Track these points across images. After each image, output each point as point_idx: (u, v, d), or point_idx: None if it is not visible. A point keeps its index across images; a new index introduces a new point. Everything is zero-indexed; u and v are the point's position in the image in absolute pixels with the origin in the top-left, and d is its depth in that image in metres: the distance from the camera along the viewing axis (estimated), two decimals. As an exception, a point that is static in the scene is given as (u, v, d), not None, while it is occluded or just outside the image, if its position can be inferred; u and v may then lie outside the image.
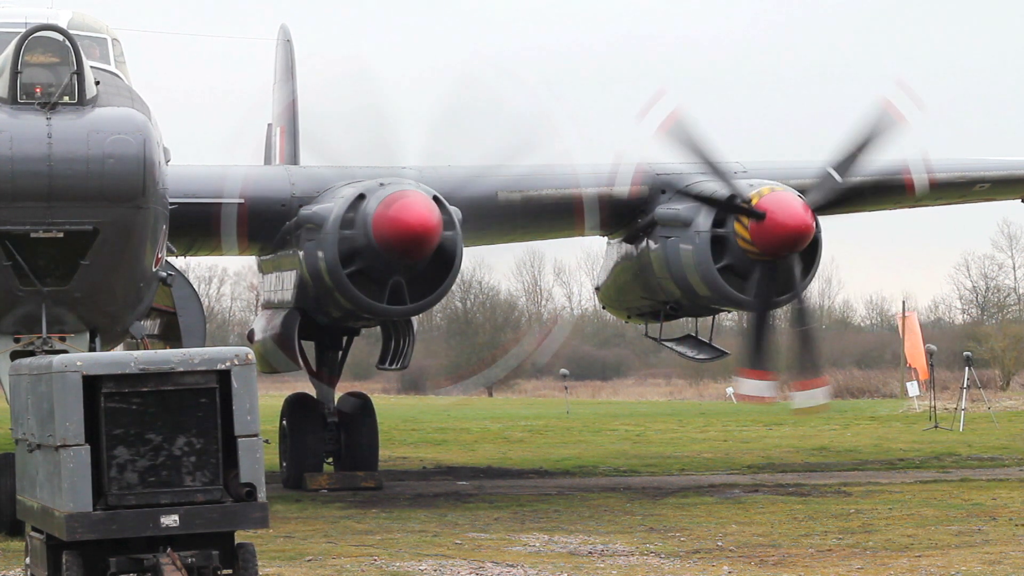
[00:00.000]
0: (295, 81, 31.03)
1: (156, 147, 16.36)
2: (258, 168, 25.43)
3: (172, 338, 21.37)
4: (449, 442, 34.35)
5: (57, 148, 15.83)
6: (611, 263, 25.19)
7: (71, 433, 10.75)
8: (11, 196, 15.89)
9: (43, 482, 11.28)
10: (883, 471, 26.36)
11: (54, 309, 16.75)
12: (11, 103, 15.96)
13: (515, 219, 23.83)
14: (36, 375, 11.47)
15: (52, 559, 11.28)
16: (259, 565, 11.32)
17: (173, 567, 10.73)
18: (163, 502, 10.86)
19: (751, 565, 15.13)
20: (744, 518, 19.26)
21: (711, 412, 48.09)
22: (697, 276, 22.47)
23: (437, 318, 63.48)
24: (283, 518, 19.15)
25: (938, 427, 36.85)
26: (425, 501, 21.74)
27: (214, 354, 11.16)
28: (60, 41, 16.00)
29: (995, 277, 76.81)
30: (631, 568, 14.97)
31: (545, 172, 23.44)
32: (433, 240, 20.60)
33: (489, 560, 15.47)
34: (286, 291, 23.09)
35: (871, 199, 25.27)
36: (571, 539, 17.21)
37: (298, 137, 30.10)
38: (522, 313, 72.73)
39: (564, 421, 42.40)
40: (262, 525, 11.12)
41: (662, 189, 23.54)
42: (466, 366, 48.87)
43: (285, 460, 24.35)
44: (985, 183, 25.77)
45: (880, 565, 14.98)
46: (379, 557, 15.74)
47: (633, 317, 26.08)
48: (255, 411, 11.14)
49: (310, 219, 21.50)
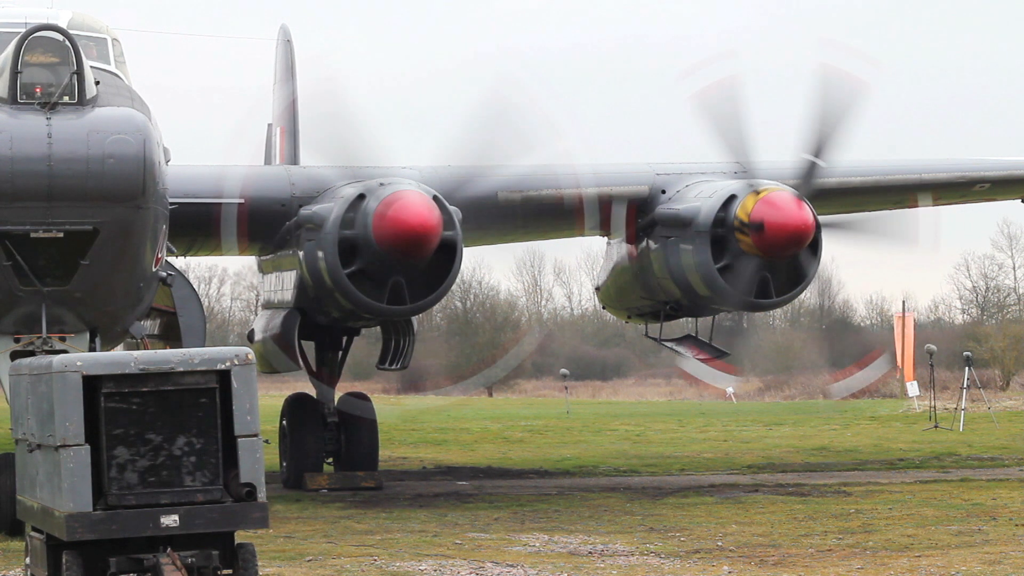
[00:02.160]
0: (295, 81, 31.05)
1: (156, 147, 16.36)
2: (258, 168, 25.43)
3: (172, 338, 21.37)
4: (449, 442, 34.35)
5: (57, 148, 15.83)
6: (611, 263, 25.19)
7: (71, 433, 10.75)
8: (11, 196, 15.89)
9: (43, 482, 11.28)
10: (883, 471, 26.35)
11: (54, 309, 16.75)
12: (11, 103, 15.96)
13: (515, 219, 23.83)
14: (36, 375, 11.47)
15: (52, 559, 11.28)
16: (259, 565, 11.31)
17: (173, 567, 10.72)
18: (163, 502, 10.85)
19: (751, 565, 15.13)
20: (744, 518, 19.26)
21: (711, 412, 48.08)
22: (697, 276, 22.48)
23: (437, 318, 63.43)
24: (283, 518, 19.15)
25: (938, 427, 36.85)
26: (425, 501, 21.74)
27: (214, 354, 11.16)
28: (60, 41, 16.01)
29: (995, 277, 76.81)
30: (631, 568, 14.98)
31: (545, 172, 23.44)
32: (433, 240, 20.60)
33: (489, 560, 15.47)
34: (286, 291, 23.09)
35: (871, 199, 25.30)
36: (571, 539, 17.21)
37: (298, 137, 30.12)
38: (522, 313, 72.72)
39: (564, 421, 42.40)
40: (262, 525, 11.12)
41: (662, 189, 23.55)
42: (466, 366, 48.83)
43: (285, 460, 24.36)
44: (985, 183, 25.79)
45: (880, 565, 14.98)
46: (379, 557, 15.74)
47: (633, 317, 26.09)
48: (255, 411, 11.14)
49: (310, 219, 21.50)
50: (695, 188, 23.13)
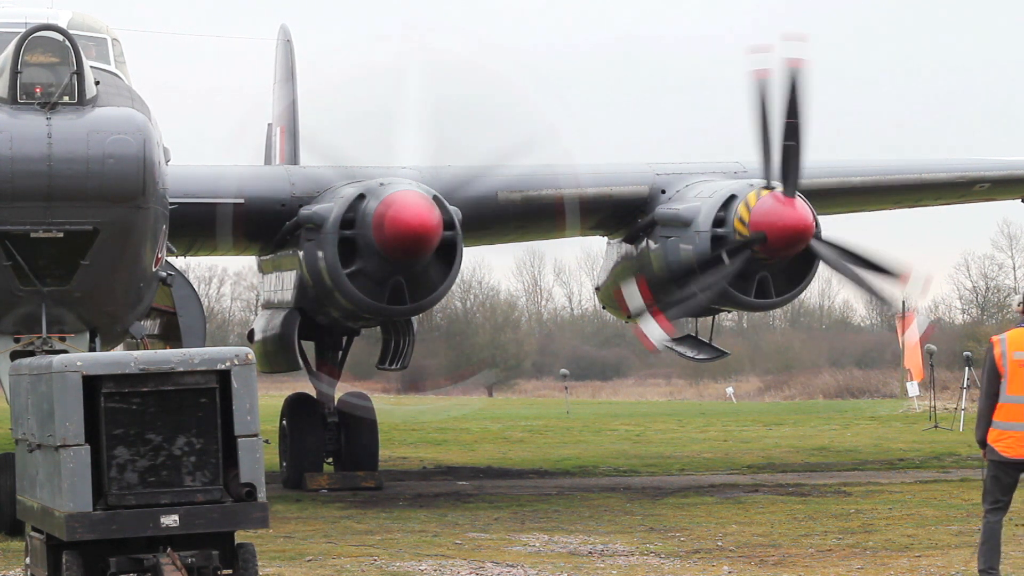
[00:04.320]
0: (295, 81, 31.06)
1: (156, 147, 16.36)
2: (258, 168, 25.44)
3: (172, 338, 21.37)
4: (449, 442, 34.34)
5: (57, 148, 15.83)
6: (611, 263, 25.20)
7: (71, 433, 10.75)
8: (11, 196, 15.89)
9: (43, 482, 11.28)
10: (883, 471, 26.35)
11: (54, 309, 16.74)
12: (11, 103, 15.95)
13: (515, 219, 23.84)
14: (36, 375, 11.47)
15: (52, 559, 11.28)
16: (259, 565, 11.32)
17: (173, 567, 10.73)
18: (163, 502, 10.86)
19: (751, 565, 15.13)
20: (744, 518, 19.27)
21: (711, 412, 48.08)
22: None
23: (437, 318, 63.42)
24: (283, 518, 19.15)
25: (938, 427, 36.85)
26: (425, 501, 21.74)
27: (214, 354, 11.16)
28: (60, 41, 16.00)
29: (995, 277, 76.76)
30: (631, 568, 14.98)
31: (545, 172, 23.44)
32: (433, 240, 20.60)
33: (489, 560, 15.48)
34: (286, 291, 23.10)
35: (871, 198, 25.31)
36: (571, 539, 17.21)
37: (298, 137, 30.12)
38: (522, 313, 72.69)
39: (564, 421, 42.39)
40: (262, 525, 11.12)
41: (662, 189, 23.56)
42: (466, 366, 48.82)
43: (285, 460, 24.36)
44: (985, 183, 25.79)
45: (880, 565, 14.98)
46: (379, 557, 15.74)
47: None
48: (255, 411, 11.14)
49: (310, 219, 21.50)
50: (695, 188, 23.13)
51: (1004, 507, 12.83)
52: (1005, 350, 12.71)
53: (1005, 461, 12.70)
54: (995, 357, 12.70)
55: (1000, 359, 12.69)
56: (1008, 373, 12.64)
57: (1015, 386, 12.62)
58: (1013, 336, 12.79)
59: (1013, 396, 12.63)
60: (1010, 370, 12.64)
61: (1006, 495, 12.80)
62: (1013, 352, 12.68)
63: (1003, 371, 12.66)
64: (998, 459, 12.71)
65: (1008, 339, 12.77)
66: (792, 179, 21.74)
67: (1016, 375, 12.62)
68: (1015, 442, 12.60)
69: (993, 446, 12.69)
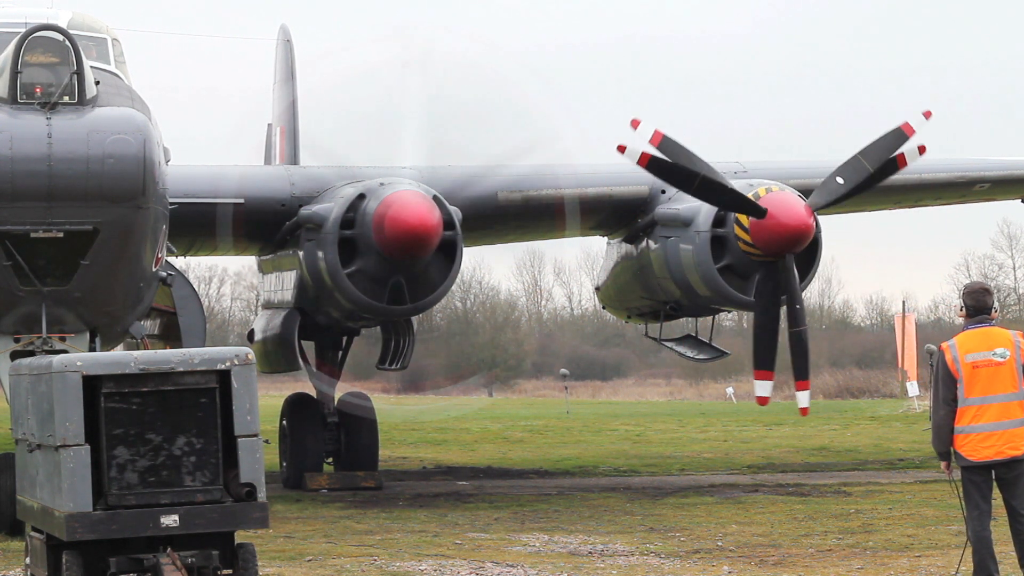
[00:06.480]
0: (295, 81, 31.04)
1: (156, 147, 16.36)
2: (258, 168, 25.44)
3: (172, 338, 21.36)
4: (449, 442, 34.34)
5: (57, 148, 15.82)
6: (611, 263, 25.19)
7: (71, 433, 10.75)
8: (11, 196, 15.88)
9: (43, 482, 11.28)
10: (883, 471, 26.35)
11: (54, 309, 16.74)
12: (11, 103, 15.95)
13: (515, 219, 23.84)
14: (36, 375, 11.47)
15: (52, 559, 11.29)
16: (259, 565, 11.32)
17: (173, 567, 10.73)
18: (163, 502, 10.86)
19: (751, 565, 15.14)
20: (744, 518, 19.27)
21: (711, 412, 48.07)
22: (697, 276, 22.46)
23: (437, 318, 63.41)
24: (283, 518, 19.15)
25: (938, 427, 36.79)
26: (425, 501, 21.75)
27: (214, 354, 11.16)
28: (60, 41, 16.00)
29: (995, 277, 76.79)
30: (631, 568, 14.98)
31: (545, 172, 23.44)
32: (433, 240, 20.60)
33: (489, 560, 15.48)
34: (286, 291, 23.09)
35: (871, 198, 25.28)
36: (571, 539, 17.21)
37: (298, 137, 30.11)
38: (522, 313, 72.68)
39: (564, 421, 42.38)
40: (262, 525, 11.12)
41: (662, 189, 23.55)
42: (466, 366, 48.82)
43: (285, 460, 24.36)
44: (985, 183, 25.78)
45: (880, 565, 14.99)
46: (379, 557, 15.74)
47: (633, 317, 26.09)
48: (255, 411, 11.14)
49: (310, 219, 21.51)
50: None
51: (987, 514, 12.81)
52: (957, 355, 12.70)
53: (974, 465, 12.70)
54: (948, 363, 12.68)
55: (953, 364, 12.67)
56: (964, 376, 12.63)
57: (973, 388, 12.61)
58: (962, 340, 12.78)
59: (972, 398, 12.61)
60: (965, 373, 12.63)
61: (986, 501, 12.80)
62: (964, 355, 12.67)
63: (958, 375, 12.64)
64: (967, 464, 12.72)
65: (958, 343, 12.76)
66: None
67: (972, 377, 12.61)
68: (979, 443, 12.58)
69: (959, 451, 12.68)
